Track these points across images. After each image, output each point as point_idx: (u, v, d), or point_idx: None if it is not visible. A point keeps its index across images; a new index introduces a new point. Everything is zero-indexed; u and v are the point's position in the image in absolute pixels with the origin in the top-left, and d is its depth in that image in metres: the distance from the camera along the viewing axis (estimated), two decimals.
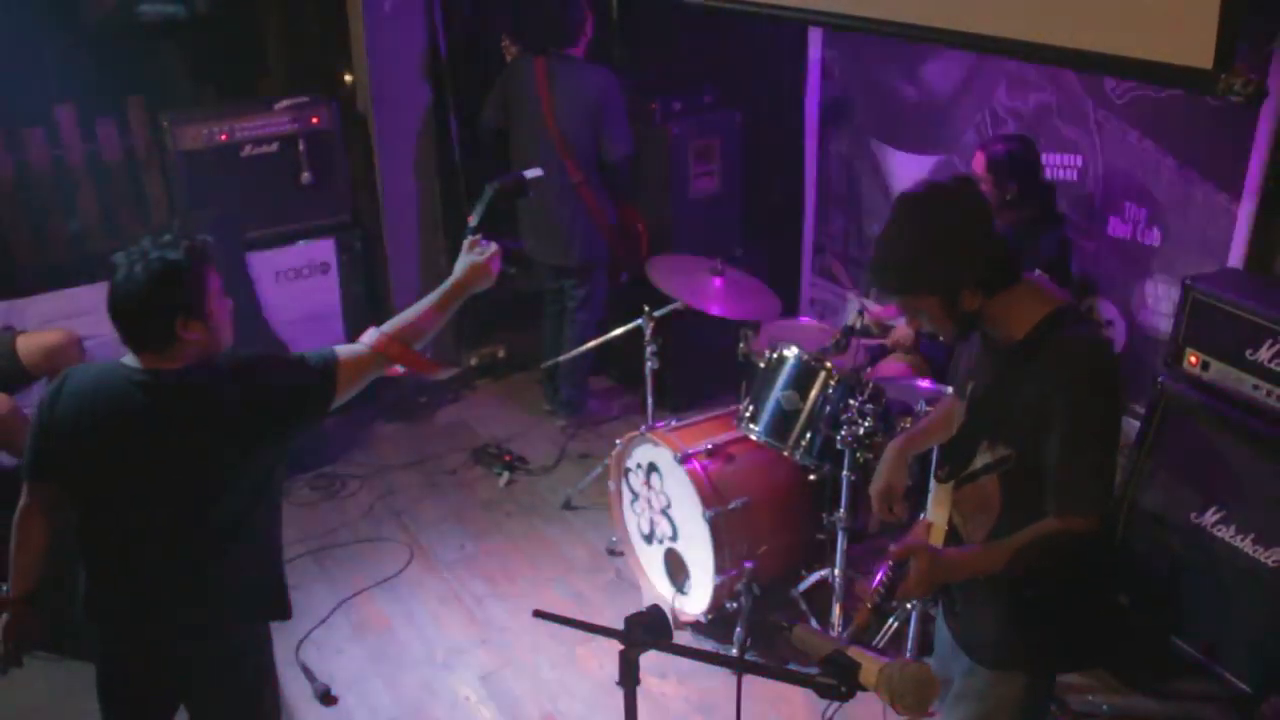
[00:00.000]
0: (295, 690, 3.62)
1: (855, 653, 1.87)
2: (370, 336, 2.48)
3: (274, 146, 4.84)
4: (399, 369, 2.53)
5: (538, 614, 2.16)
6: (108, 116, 4.87)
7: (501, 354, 5.75)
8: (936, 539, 2.29)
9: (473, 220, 2.71)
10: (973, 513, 2.31)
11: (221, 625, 2.46)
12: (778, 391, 3.67)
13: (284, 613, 2.58)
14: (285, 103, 4.84)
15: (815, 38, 4.91)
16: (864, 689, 1.83)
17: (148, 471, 2.30)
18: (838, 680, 1.81)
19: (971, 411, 2.31)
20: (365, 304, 5.24)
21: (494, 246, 2.65)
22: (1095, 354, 2.16)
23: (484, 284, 2.63)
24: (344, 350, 2.44)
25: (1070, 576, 2.28)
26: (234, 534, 2.39)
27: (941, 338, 2.34)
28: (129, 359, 2.34)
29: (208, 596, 2.41)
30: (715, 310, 3.99)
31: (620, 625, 2.01)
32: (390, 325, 2.50)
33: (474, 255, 2.62)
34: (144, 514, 2.33)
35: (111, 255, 2.33)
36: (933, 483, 2.36)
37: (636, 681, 1.94)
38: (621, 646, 1.96)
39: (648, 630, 1.96)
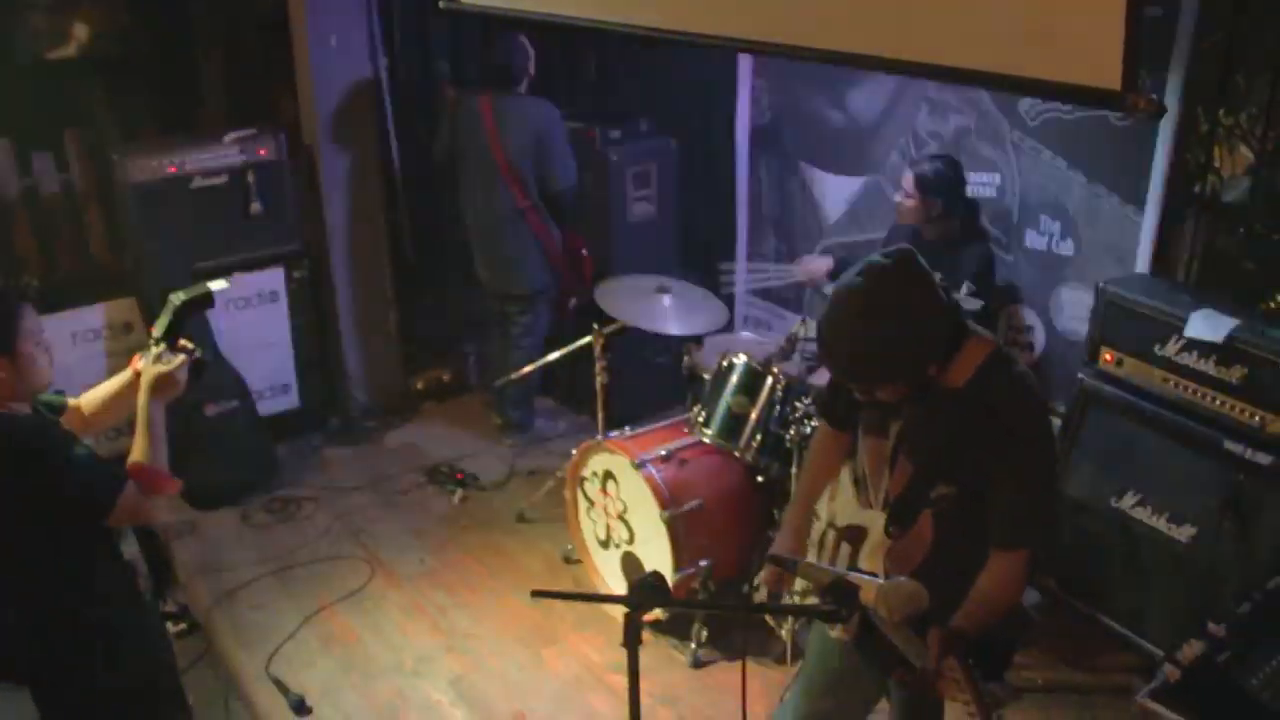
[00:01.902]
0: (270, 703, 3.69)
1: (854, 578, 2.07)
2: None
3: (223, 178, 4.91)
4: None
5: (536, 593, 2.30)
6: (44, 150, 4.92)
7: (446, 378, 5.88)
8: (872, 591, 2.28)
9: (156, 331, 2.69)
10: (904, 551, 2.33)
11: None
12: (728, 396, 3.89)
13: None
14: (234, 135, 4.92)
15: (745, 66, 5.16)
16: (864, 609, 2.04)
17: None
18: (839, 604, 2.02)
19: (918, 463, 2.29)
20: (314, 331, 5.35)
21: (180, 358, 2.65)
22: (1040, 399, 2.26)
23: (171, 394, 2.64)
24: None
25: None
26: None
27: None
28: None
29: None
30: (671, 329, 4.17)
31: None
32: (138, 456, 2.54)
33: (160, 365, 2.62)
34: None
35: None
36: (873, 538, 2.35)
37: (639, 641, 2.09)
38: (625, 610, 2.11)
39: (650, 592, 2.12)
